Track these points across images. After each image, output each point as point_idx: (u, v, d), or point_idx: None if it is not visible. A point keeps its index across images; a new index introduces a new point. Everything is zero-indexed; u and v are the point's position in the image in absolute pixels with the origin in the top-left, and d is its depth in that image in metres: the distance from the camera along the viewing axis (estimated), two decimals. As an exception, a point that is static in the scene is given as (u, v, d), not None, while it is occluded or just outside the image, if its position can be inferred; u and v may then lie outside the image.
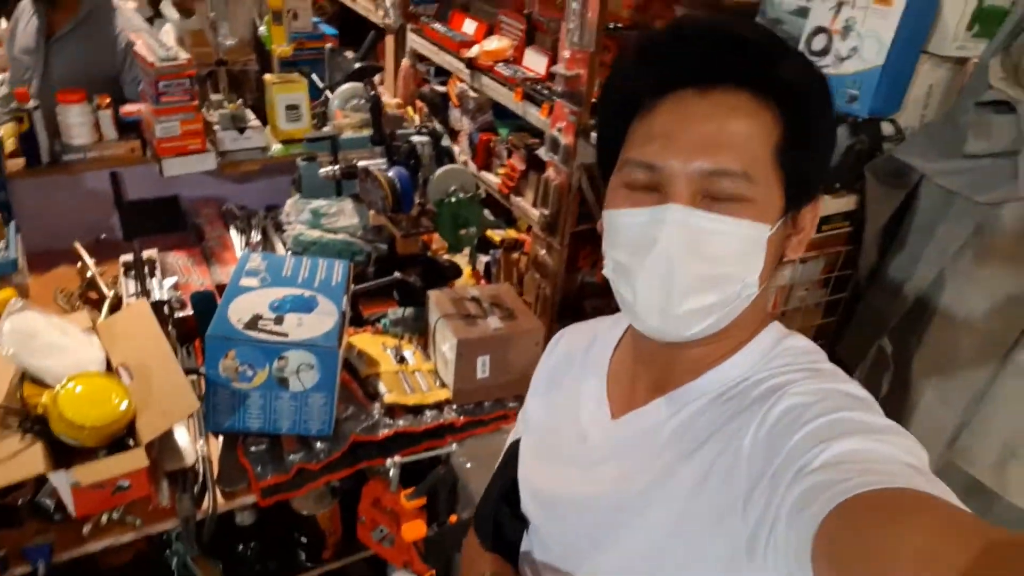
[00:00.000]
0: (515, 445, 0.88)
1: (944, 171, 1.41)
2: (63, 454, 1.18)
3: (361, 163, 1.69)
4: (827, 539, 0.50)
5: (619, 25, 2.56)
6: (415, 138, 1.68)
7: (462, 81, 2.67)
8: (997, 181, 1.30)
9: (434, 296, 1.54)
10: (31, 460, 1.13)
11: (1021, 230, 1.28)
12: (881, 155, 1.60)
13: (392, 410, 1.43)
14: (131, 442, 1.20)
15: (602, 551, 0.71)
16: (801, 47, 1.60)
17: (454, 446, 1.41)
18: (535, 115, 2.37)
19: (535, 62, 2.47)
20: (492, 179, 2.53)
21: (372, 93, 1.75)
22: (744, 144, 0.62)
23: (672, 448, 0.68)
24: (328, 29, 2.94)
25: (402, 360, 1.57)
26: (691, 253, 0.63)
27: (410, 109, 2.82)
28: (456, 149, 2.47)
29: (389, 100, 2.80)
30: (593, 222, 2.68)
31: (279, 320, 1.33)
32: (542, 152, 2.42)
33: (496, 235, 2.52)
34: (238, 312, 1.33)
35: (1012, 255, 1.29)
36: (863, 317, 1.62)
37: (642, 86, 0.64)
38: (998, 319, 1.30)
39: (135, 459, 1.16)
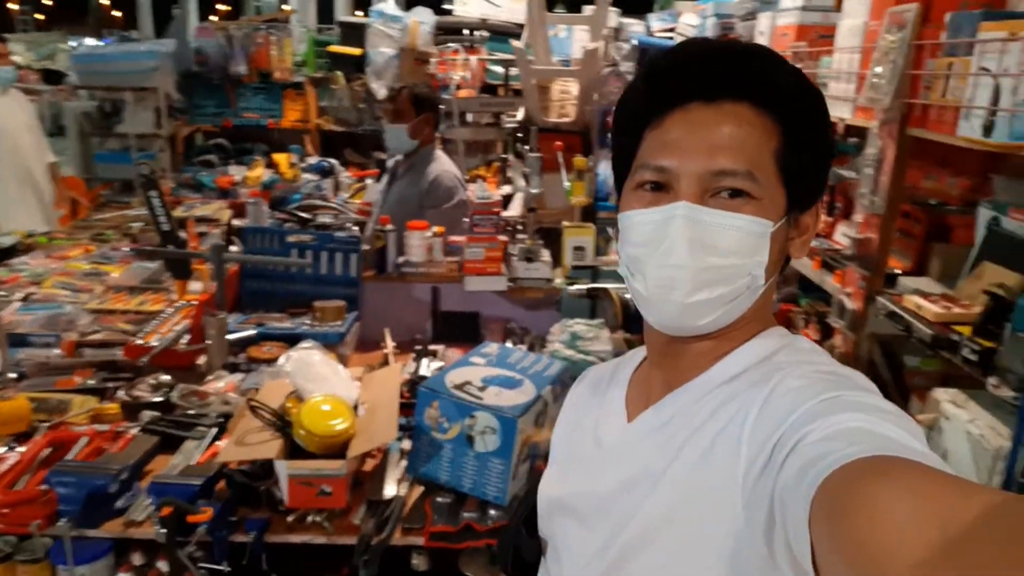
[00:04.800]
0: (537, 478, 0.91)
1: None
2: (298, 457, 1.48)
3: (604, 285, 1.86)
4: (821, 504, 0.51)
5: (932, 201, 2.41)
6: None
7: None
8: None
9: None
10: (269, 448, 1.44)
11: None
12: None
13: (567, 500, 1.47)
14: (343, 458, 1.45)
15: (612, 547, 0.72)
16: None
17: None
18: (830, 283, 2.30)
19: (843, 236, 2.44)
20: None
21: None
22: (746, 147, 0.68)
23: (677, 436, 0.70)
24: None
25: (599, 465, 1.60)
26: (700, 247, 0.68)
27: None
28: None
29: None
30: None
31: (483, 389, 1.51)
32: (832, 319, 2.31)
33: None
34: (455, 377, 1.55)
35: None
36: None
37: (654, 100, 0.72)
38: None
39: (334, 464, 1.41)
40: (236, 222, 3.55)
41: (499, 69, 4.66)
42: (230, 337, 2.07)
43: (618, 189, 0.79)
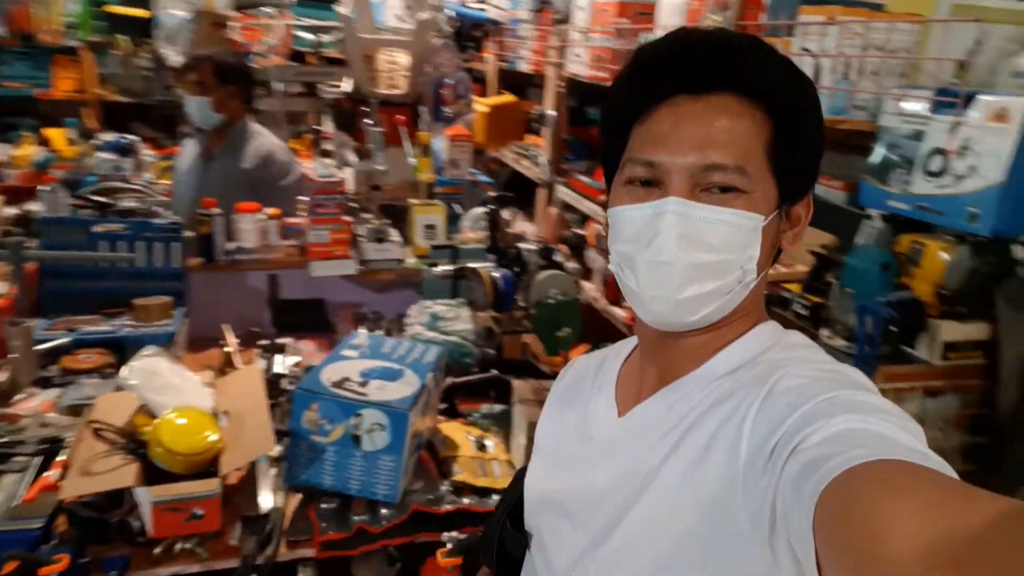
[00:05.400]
0: (521, 471, 0.89)
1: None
2: (158, 480, 1.31)
3: (471, 265, 1.83)
4: (826, 510, 0.50)
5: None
6: (522, 245, 1.80)
7: (599, 224, 2.82)
8: None
9: (517, 384, 1.57)
10: (124, 475, 1.26)
11: None
12: (1014, 279, 1.48)
13: (460, 489, 1.44)
14: (213, 475, 1.31)
15: (605, 543, 0.70)
16: (918, 169, 1.58)
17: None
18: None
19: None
20: (620, 313, 2.58)
21: (491, 208, 1.92)
22: (735, 141, 0.66)
23: (675, 431, 0.69)
24: (485, 179, 3.27)
25: (482, 448, 1.58)
26: (690, 242, 0.66)
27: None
28: (589, 286, 2.57)
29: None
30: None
31: (364, 384, 1.42)
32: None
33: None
34: (330, 374, 1.44)
35: None
36: (1008, 467, 1.43)
37: (641, 94, 0.70)
38: None
39: (207, 484, 1.26)
40: (13, 210, 3.06)
41: (309, 36, 4.38)
42: (39, 348, 1.78)
43: (607, 184, 0.76)
